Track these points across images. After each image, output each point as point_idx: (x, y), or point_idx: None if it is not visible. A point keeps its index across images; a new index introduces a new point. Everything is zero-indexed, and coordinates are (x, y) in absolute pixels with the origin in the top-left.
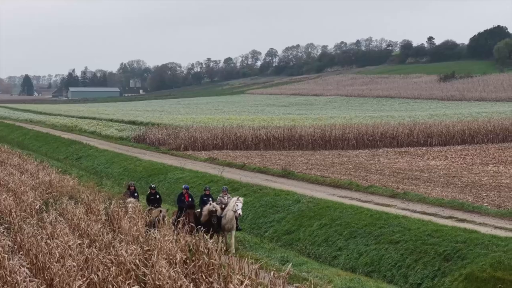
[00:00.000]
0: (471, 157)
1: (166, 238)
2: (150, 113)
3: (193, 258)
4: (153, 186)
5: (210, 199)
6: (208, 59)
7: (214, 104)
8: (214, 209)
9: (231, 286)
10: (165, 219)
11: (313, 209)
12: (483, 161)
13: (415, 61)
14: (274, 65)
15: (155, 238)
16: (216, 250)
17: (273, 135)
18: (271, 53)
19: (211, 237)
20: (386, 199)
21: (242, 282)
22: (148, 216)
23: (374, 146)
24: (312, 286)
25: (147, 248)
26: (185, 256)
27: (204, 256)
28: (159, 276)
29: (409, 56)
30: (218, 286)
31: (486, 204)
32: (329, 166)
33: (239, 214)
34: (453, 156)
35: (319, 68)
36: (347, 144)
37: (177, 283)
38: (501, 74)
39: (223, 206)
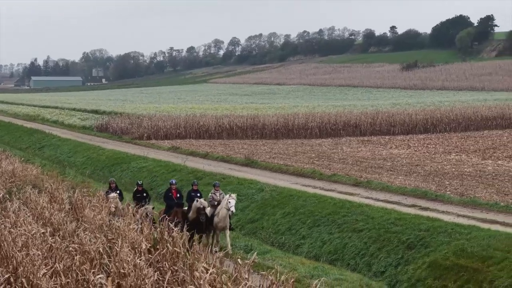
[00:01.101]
0: (433, 145)
1: (131, 227)
2: (112, 102)
3: (158, 247)
4: (139, 182)
5: (198, 194)
6: (171, 48)
7: (177, 93)
8: (202, 206)
9: (196, 274)
10: (150, 216)
11: (277, 197)
12: (445, 150)
13: (378, 50)
14: (237, 54)
15: (119, 227)
16: (181, 238)
17: (236, 124)
18: (234, 42)
19: (200, 238)
20: (349, 188)
21: (207, 270)
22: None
23: (337, 135)
24: (278, 274)
25: (111, 236)
26: (150, 245)
27: (169, 244)
28: (124, 265)
29: (371, 45)
30: (183, 274)
31: (449, 193)
32: (292, 155)
33: (232, 212)
34: (416, 145)
35: (282, 57)
36: (310, 133)
37: (142, 271)
38: (463, 63)
39: (215, 203)
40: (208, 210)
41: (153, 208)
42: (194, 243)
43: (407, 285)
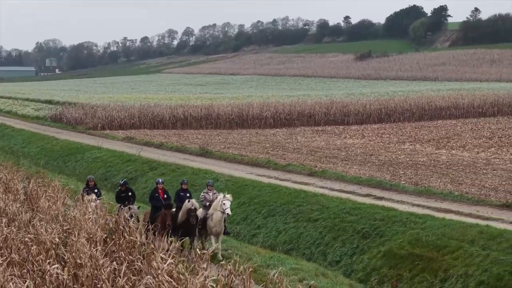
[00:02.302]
0: (388, 135)
1: (86, 217)
2: (66, 92)
3: (114, 237)
4: (121, 182)
5: (188, 194)
6: (125, 38)
7: (131, 83)
8: (193, 207)
9: (154, 264)
10: (136, 216)
11: (232, 187)
12: (399, 140)
13: (332, 41)
14: (191, 44)
15: (74, 217)
16: (137, 228)
17: (191, 114)
18: (188, 32)
19: (191, 242)
20: (304, 178)
21: (164, 260)
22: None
23: (292, 125)
24: (237, 264)
25: (67, 227)
26: (106, 235)
27: (125, 234)
28: (80, 255)
29: (325, 36)
30: (140, 264)
31: (404, 182)
32: (247, 145)
33: (228, 214)
34: (370, 134)
35: (236, 47)
36: (265, 123)
37: (98, 261)
38: (416, 54)
39: (207, 204)
40: (199, 212)
41: (138, 208)
42: (184, 248)
43: (362, 274)
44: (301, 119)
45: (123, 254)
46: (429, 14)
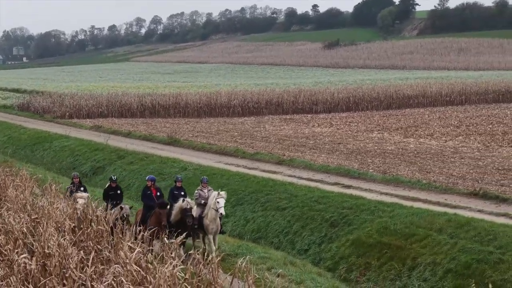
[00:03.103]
0: (356, 124)
1: (55, 206)
2: (34, 81)
3: (82, 226)
4: (114, 177)
5: (183, 193)
6: (92, 27)
7: (99, 71)
8: (188, 207)
9: (121, 253)
10: (129, 218)
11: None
12: (368, 128)
13: (300, 29)
14: (159, 32)
15: (42, 206)
16: (105, 217)
17: (159, 102)
18: (156, 20)
19: (183, 244)
20: (272, 166)
21: (132, 249)
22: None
23: (260, 113)
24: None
25: (35, 216)
26: (74, 224)
27: (93, 223)
28: (48, 244)
29: (294, 24)
30: (107, 253)
31: (372, 171)
32: (215, 133)
33: (222, 214)
34: (338, 123)
35: (204, 35)
36: (233, 112)
37: (67, 251)
38: (384, 42)
39: (202, 202)
40: (194, 210)
41: (131, 207)
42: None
43: (331, 262)
44: (269, 108)
45: (91, 244)
46: (397, 3)
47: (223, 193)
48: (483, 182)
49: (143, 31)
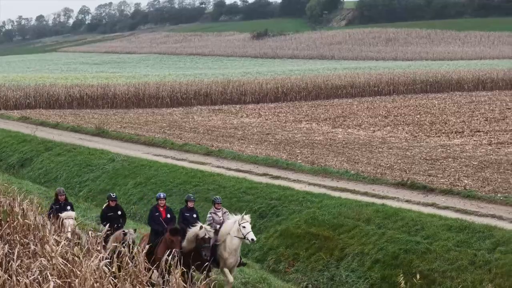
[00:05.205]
0: (284, 114)
1: None
2: None
3: (8, 219)
4: (113, 195)
5: (195, 215)
6: (20, 17)
7: (26, 62)
8: (207, 236)
9: (47, 247)
10: (134, 245)
11: (128, 167)
12: (296, 119)
13: (229, 19)
14: (87, 23)
15: None
16: (32, 210)
17: (87, 93)
18: (84, 10)
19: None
20: (201, 157)
21: (58, 243)
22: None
23: (188, 104)
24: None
25: None
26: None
27: (19, 217)
28: None
29: (222, 14)
30: (34, 247)
31: (300, 161)
32: (143, 124)
33: (252, 240)
34: (267, 113)
35: (132, 25)
36: (161, 102)
37: None
38: (313, 32)
39: (217, 227)
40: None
41: (135, 230)
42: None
43: (259, 253)
44: (197, 98)
45: (17, 237)
46: None
47: (247, 216)
48: (411, 172)
49: (71, 21)
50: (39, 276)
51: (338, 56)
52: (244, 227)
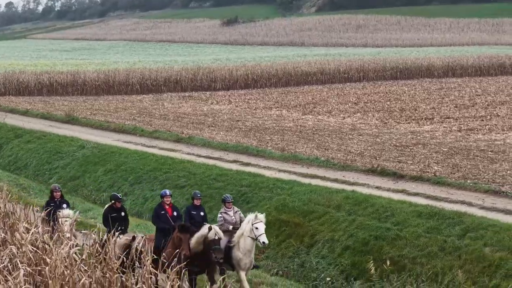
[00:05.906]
0: (254, 101)
1: None
2: None
3: None
4: (119, 196)
5: (202, 213)
6: None
7: None
8: (216, 238)
9: (17, 234)
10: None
11: (98, 154)
12: (266, 105)
13: (199, 6)
14: (56, 9)
15: None
16: (2, 198)
17: (56, 80)
18: None
19: (210, 279)
20: (171, 144)
21: (28, 230)
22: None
23: (158, 91)
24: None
25: None
26: None
27: None
28: None
29: (192, 1)
30: (3, 235)
31: (270, 148)
32: (113, 111)
33: (264, 243)
34: (237, 100)
35: (102, 12)
36: (131, 89)
37: None
38: (283, 19)
39: (230, 228)
40: (223, 242)
41: (143, 237)
42: None
43: None
44: (167, 85)
45: None
46: None
47: (261, 216)
48: (381, 159)
49: (40, 8)
50: (9, 264)
51: (308, 43)
52: (257, 228)
